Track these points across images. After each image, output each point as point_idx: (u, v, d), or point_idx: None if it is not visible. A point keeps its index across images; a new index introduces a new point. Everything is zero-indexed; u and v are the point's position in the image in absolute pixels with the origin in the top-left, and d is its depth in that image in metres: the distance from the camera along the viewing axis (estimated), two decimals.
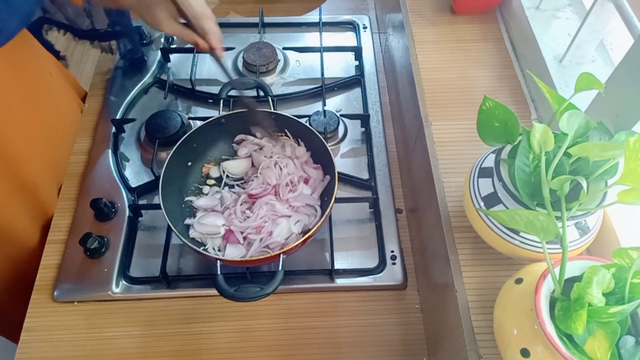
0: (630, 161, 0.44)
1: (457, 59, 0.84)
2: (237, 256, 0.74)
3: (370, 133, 0.95)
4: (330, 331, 0.76)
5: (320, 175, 0.82)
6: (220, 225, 0.75)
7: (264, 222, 0.76)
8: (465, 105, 0.77)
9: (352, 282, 0.79)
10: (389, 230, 0.84)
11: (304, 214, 0.78)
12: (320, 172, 0.83)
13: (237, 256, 0.74)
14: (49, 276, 0.80)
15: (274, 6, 1.16)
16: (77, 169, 0.91)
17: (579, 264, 0.49)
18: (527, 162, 0.52)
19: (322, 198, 0.80)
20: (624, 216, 0.59)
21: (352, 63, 1.07)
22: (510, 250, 0.57)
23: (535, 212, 0.47)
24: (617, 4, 0.64)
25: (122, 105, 0.98)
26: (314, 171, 0.82)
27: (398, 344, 0.75)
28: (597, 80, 0.51)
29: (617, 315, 0.43)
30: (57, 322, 0.76)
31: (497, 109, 0.56)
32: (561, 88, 0.72)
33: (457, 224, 0.65)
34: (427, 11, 0.90)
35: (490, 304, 0.56)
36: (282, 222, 0.77)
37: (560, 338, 0.45)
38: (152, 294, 0.78)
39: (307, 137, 0.82)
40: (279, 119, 0.83)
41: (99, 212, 0.83)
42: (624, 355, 0.45)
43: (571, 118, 0.51)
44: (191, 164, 0.84)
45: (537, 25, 0.80)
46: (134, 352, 0.75)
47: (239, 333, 0.76)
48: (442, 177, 0.69)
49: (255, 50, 1.03)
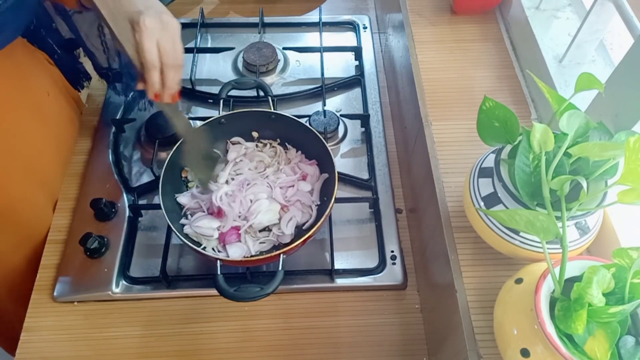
0: (630, 161, 0.44)
1: (457, 59, 0.84)
2: (240, 255, 0.74)
3: (370, 133, 0.95)
4: (330, 331, 0.76)
5: (316, 171, 0.82)
6: (214, 228, 0.75)
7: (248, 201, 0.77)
8: (465, 105, 0.77)
9: (352, 282, 0.79)
10: (389, 230, 0.84)
11: (298, 210, 0.78)
12: (316, 167, 0.83)
13: (240, 255, 0.74)
14: (49, 276, 0.80)
15: (274, 6, 1.16)
16: (77, 169, 0.91)
17: (579, 264, 0.49)
18: (527, 162, 0.52)
19: (322, 198, 0.80)
20: (624, 216, 0.59)
21: (352, 63, 1.07)
22: (510, 250, 0.57)
23: (535, 212, 0.47)
24: (617, 4, 0.64)
25: (122, 105, 0.98)
26: (310, 167, 0.82)
27: (398, 344, 0.75)
28: (597, 80, 0.51)
29: (617, 315, 0.43)
30: (57, 322, 0.76)
31: (497, 109, 0.56)
32: (561, 88, 0.72)
33: (457, 224, 0.65)
34: (427, 11, 0.90)
35: (490, 304, 0.56)
36: (262, 198, 0.77)
37: (560, 338, 0.45)
38: (152, 294, 0.78)
39: (307, 137, 0.82)
40: (279, 119, 0.83)
41: (99, 212, 0.83)
42: (624, 355, 0.45)
43: (571, 118, 0.51)
44: None
45: (537, 25, 0.80)
46: (134, 352, 0.75)
47: (239, 333, 0.76)
48: (442, 177, 0.69)
49: (255, 50, 1.03)
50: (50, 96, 0.85)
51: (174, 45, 0.62)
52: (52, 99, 0.86)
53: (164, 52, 0.61)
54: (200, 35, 1.08)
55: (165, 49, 0.60)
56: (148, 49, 0.59)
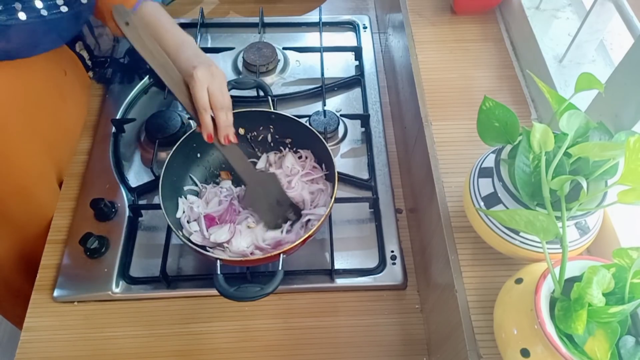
0: (630, 161, 0.44)
1: (457, 59, 0.84)
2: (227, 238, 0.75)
3: (370, 133, 0.95)
4: (330, 331, 0.76)
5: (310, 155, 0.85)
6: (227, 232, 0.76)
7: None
8: (465, 105, 0.77)
9: (352, 282, 0.79)
10: (389, 230, 0.84)
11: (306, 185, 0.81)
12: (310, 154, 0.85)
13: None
14: (49, 276, 0.80)
15: (274, 6, 1.16)
16: (77, 169, 0.91)
17: (579, 264, 0.49)
18: (527, 162, 0.52)
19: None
20: (624, 216, 0.59)
21: (352, 63, 1.07)
22: (510, 250, 0.57)
23: (535, 212, 0.47)
24: (617, 4, 0.64)
25: (122, 105, 0.98)
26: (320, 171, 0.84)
27: (398, 344, 0.75)
28: (597, 80, 0.51)
29: (617, 315, 0.43)
30: (57, 322, 0.76)
31: (497, 109, 0.56)
32: (561, 88, 0.72)
33: (457, 224, 0.65)
34: (427, 11, 0.90)
35: (490, 304, 0.56)
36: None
37: (560, 338, 0.45)
38: (152, 294, 0.78)
39: (307, 137, 0.82)
40: (279, 119, 0.83)
41: (99, 212, 0.83)
42: (624, 355, 0.45)
43: (571, 118, 0.51)
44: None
45: (537, 25, 0.80)
46: (134, 352, 0.75)
47: (239, 333, 0.76)
48: (442, 177, 0.69)
49: (255, 50, 1.03)
50: (67, 76, 0.87)
51: (222, 91, 0.70)
52: (69, 79, 0.88)
53: (212, 96, 0.69)
54: (200, 35, 1.08)
55: (214, 94, 0.69)
56: (200, 96, 0.68)
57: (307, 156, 0.85)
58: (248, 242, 0.76)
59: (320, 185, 0.82)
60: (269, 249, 0.75)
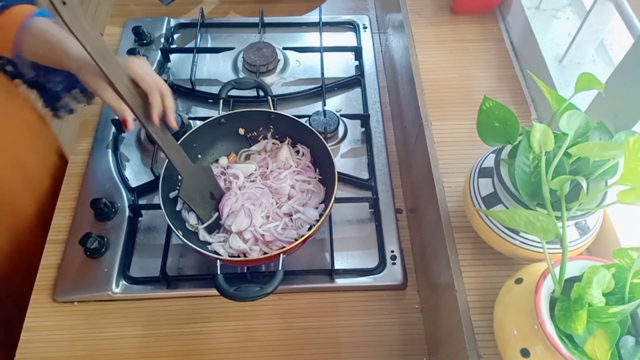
0: (630, 161, 0.44)
1: (457, 59, 0.84)
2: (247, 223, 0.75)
3: (370, 133, 0.95)
4: (330, 331, 0.76)
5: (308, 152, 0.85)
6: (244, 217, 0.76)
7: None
8: (465, 105, 0.77)
9: (352, 282, 0.79)
10: (389, 230, 0.84)
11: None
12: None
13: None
14: (49, 276, 0.80)
15: (274, 6, 1.16)
16: (77, 169, 0.91)
17: (579, 264, 0.49)
18: (527, 162, 0.52)
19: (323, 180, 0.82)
20: (624, 216, 0.59)
21: (352, 63, 1.07)
22: (510, 250, 0.57)
23: (535, 212, 0.47)
24: (617, 4, 0.64)
25: None
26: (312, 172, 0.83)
27: (398, 344, 0.75)
28: (597, 80, 0.51)
29: (617, 315, 0.43)
30: (57, 322, 0.76)
31: (497, 109, 0.56)
32: (561, 88, 0.72)
33: (457, 224, 0.65)
34: (427, 11, 0.90)
35: (490, 304, 0.56)
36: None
37: (560, 338, 0.45)
38: (152, 294, 0.78)
39: (307, 137, 0.82)
40: (279, 119, 0.83)
41: (99, 212, 0.83)
42: (624, 355, 0.45)
43: (571, 118, 0.51)
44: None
45: (537, 25, 0.80)
46: (134, 352, 0.75)
47: (239, 333, 0.76)
48: (442, 177, 0.69)
49: (255, 50, 1.03)
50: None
51: (158, 76, 0.70)
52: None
53: (157, 78, 0.68)
54: (200, 35, 1.08)
55: (156, 77, 0.68)
56: (149, 75, 0.67)
57: (303, 152, 0.84)
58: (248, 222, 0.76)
59: (311, 186, 0.82)
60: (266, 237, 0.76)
